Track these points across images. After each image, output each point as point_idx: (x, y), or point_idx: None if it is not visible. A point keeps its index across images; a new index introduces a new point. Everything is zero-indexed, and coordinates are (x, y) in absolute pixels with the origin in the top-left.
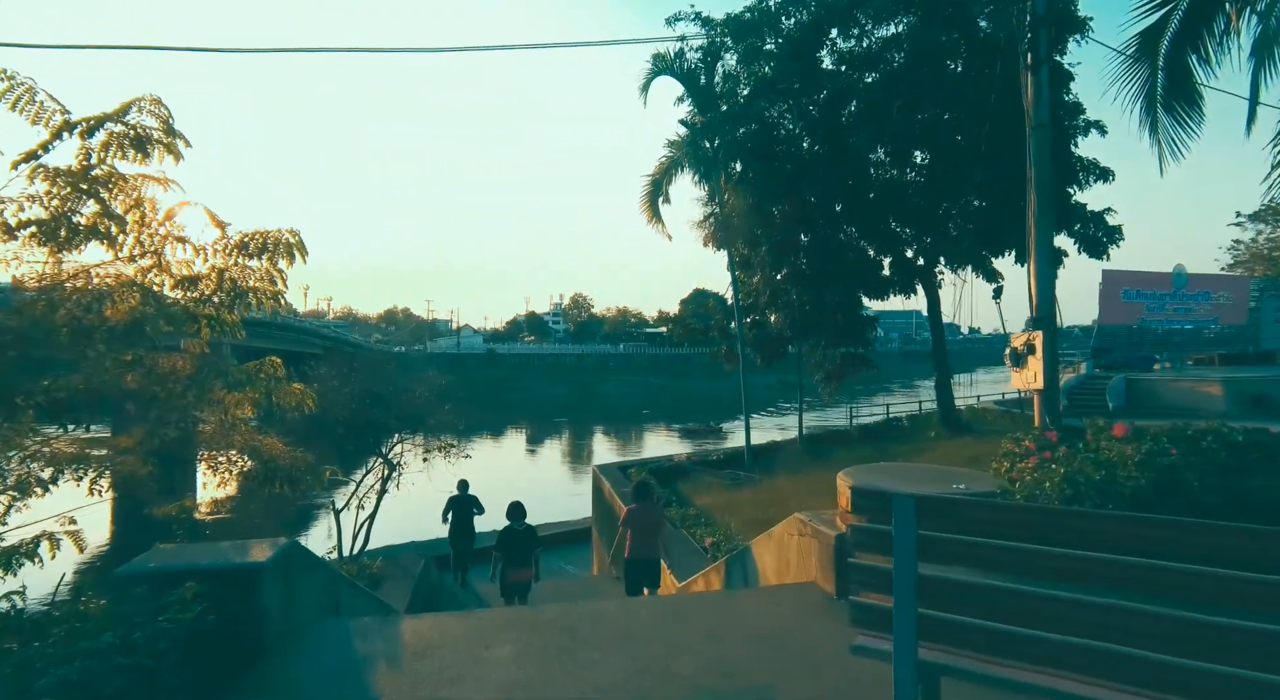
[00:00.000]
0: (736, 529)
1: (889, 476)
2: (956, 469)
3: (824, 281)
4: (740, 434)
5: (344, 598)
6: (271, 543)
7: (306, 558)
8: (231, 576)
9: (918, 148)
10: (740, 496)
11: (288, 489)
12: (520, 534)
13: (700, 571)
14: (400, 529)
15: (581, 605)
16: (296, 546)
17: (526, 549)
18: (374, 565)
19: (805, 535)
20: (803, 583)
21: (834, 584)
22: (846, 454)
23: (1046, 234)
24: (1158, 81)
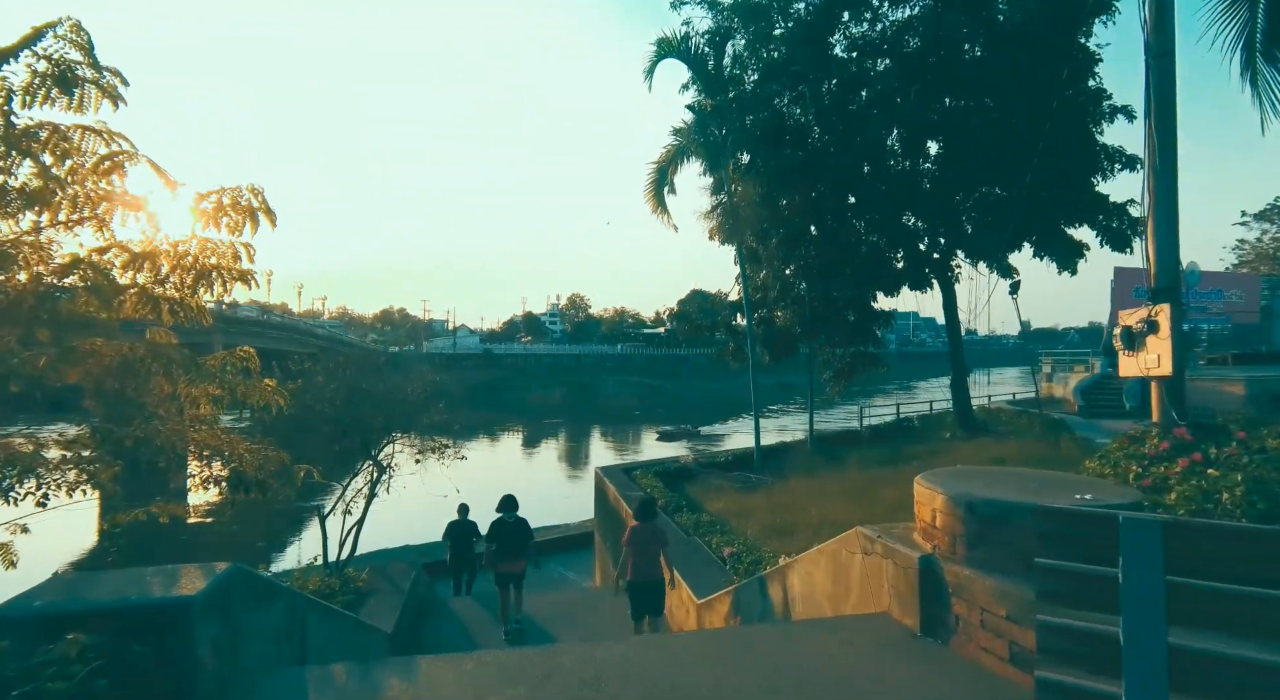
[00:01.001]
0: (754, 536)
1: (985, 482)
2: (1048, 472)
3: (835, 276)
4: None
5: (314, 627)
6: (207, 569)
7: (256, 586)
8: (142, 619)
9: (934, 136)
10: (754, 500)
11: (258, 495)
12: (511, 525)
13: (725, 588)
14: (394, 533)
15: (604, 647)
16: (241, 574)
17: (519, 540)
18: (360, 577)
19: (872, 555)
20: (871, 613)
21: (917, 617)
22: (860, 455)
23: (1169, 186)
24: (1258, 27)
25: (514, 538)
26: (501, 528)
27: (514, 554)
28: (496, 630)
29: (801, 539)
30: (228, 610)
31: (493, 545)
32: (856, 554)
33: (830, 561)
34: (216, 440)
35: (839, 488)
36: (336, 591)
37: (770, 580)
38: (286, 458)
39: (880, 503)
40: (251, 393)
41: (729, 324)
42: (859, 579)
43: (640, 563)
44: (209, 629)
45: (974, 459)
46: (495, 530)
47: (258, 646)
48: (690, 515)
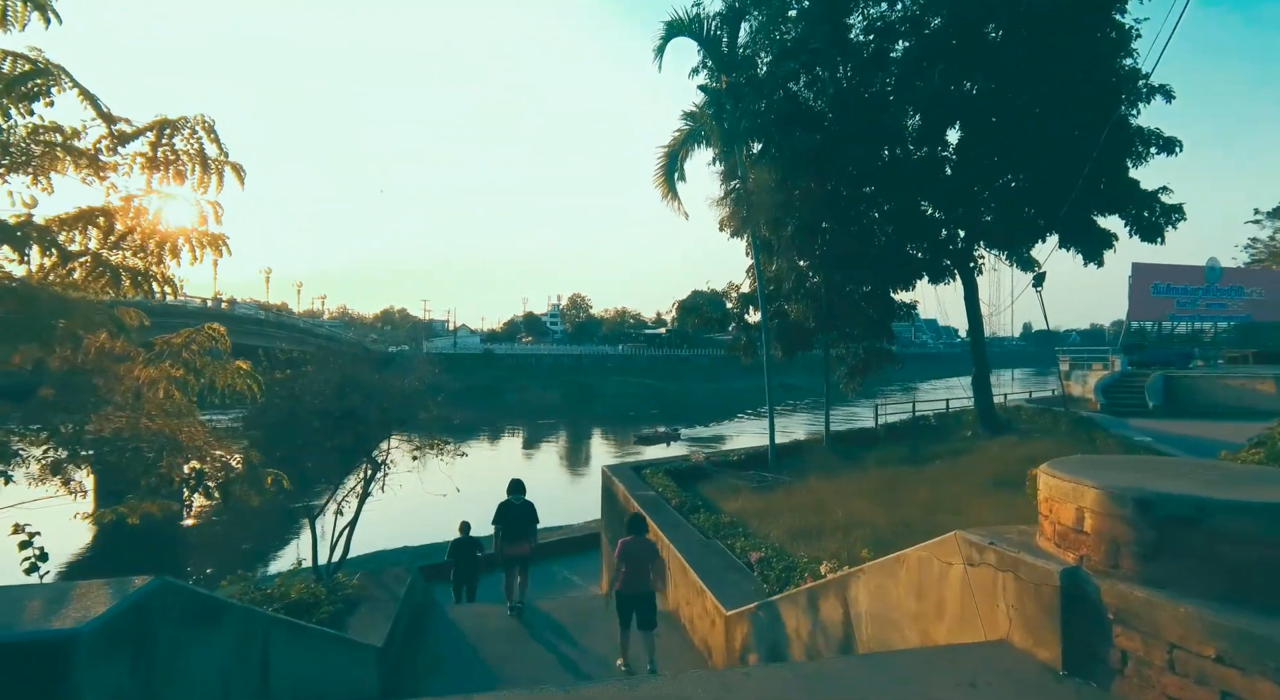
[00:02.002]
0: (779, 539)
1: (1149, 472)
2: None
3: (852, 267)
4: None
5: (280, 653)
6: (116, 587)
7: (192, 607)
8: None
9: (954, 122)
10: (773, 501)
11: (218, 498)
12: (518, 508)
13: (759, 598)
14: (391, 533)
15: (647, 688)
16: (167, 592)
17: (524, 523)
18: (351, 583)
19: (981, 566)
20: (982, 642)
21: (1056, 649)
22: (878, 454)
23: None
24: None
25: (519, 520)
26: (508, 510)
27: (519, 536)
28: (500, 643)
29: (832, 542)
30: (143, 644)
31: (499, 528)
32: (955, 564)
33: (914, 573)
34: (167, 429)
35: (861, 487)
36: (322, 600)
37: (824, 594)
38: (256, 458)
39: (910, 503)
40: (220, 375)
41: (740, 317)
42: (958, 596)
43: (631, 576)
44: (107, 675)
45: (1005, 458)
46: (501, 513)
47: (202, 680)
48: (708, 516)
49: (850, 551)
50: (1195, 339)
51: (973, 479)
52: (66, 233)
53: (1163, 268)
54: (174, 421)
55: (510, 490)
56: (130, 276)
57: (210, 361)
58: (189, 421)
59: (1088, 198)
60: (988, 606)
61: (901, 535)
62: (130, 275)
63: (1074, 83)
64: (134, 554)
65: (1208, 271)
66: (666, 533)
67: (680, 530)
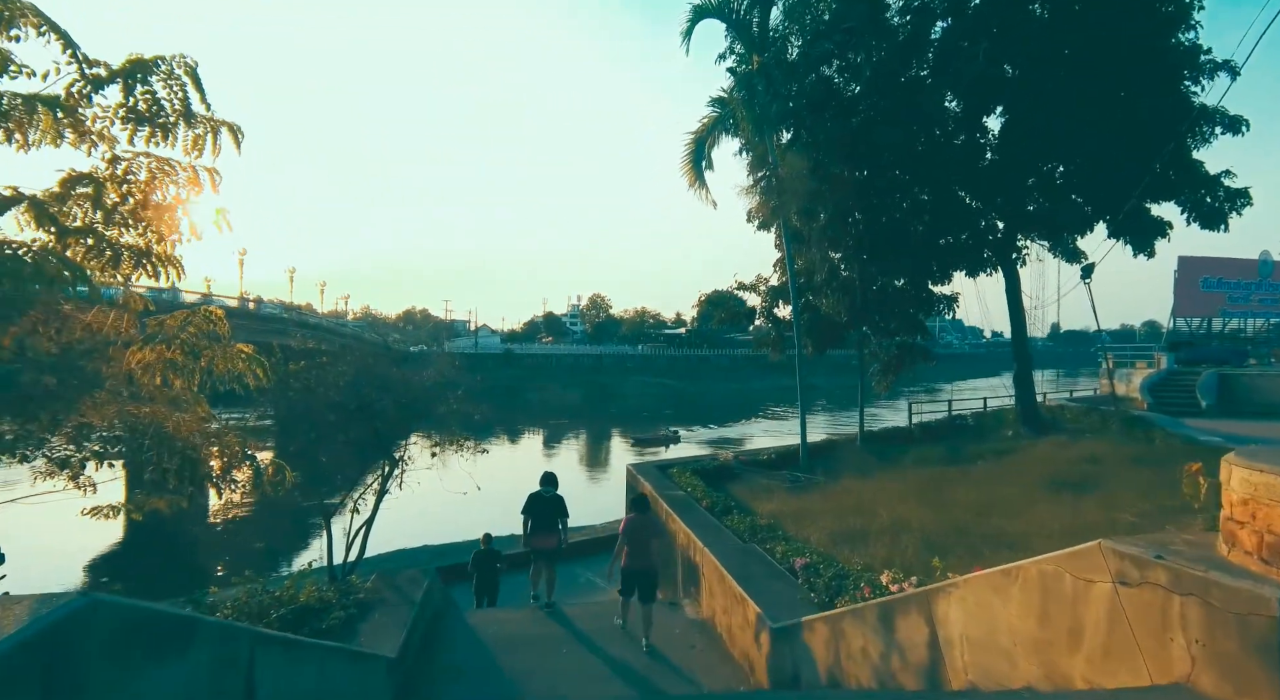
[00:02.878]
0: (821, 543)
1: None
2: None
3: (887, 258)
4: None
5: (272, 673)
6: (40, 603)
7: (143, 629)
8: None
9: (996, 105)
10: (809, 502)
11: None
12: (548, 500)
13: (811, 609)
14: (414, 531)
15: None
16: (101, 610)
17: (553, 516)
18: (364, 586)
19: (1141, 585)
20: (1154, 687)
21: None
22: (915, 454)
23: None
24: None
25: (548, 513)
26: (537, 502)
27: (547, 528)
28: (523, 653)
29: (880, 547)
30: (62, 674)
31: (528, 519)
32: (1100, 582)
33: (1033, 591)
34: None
35: (902, 488)
36: (332, 605)
37: (902, 610)
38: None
39: (959, 505)
40: (221, 359)
41: (769, 311)
42: (1103, 623)
43: (634, 551)
44: None
45: (1056, 459)
46: (531, 504)
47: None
48: (742, 517)
49: (904, 558)
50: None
51: (1024, 480)
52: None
53: (1211, 261)
54: (166, 409)
55: (542, 482)
56: (131, 256)
57: (210, 345)
58: (190, 410)
59: (1143, 183)
60: (1154, 638)
61: (956, 540)
62: (131, 255)
63: (1128, 60)
64: (157, 554)
65: (1261, 265)
66: (700, 535)
67: (714, 533)
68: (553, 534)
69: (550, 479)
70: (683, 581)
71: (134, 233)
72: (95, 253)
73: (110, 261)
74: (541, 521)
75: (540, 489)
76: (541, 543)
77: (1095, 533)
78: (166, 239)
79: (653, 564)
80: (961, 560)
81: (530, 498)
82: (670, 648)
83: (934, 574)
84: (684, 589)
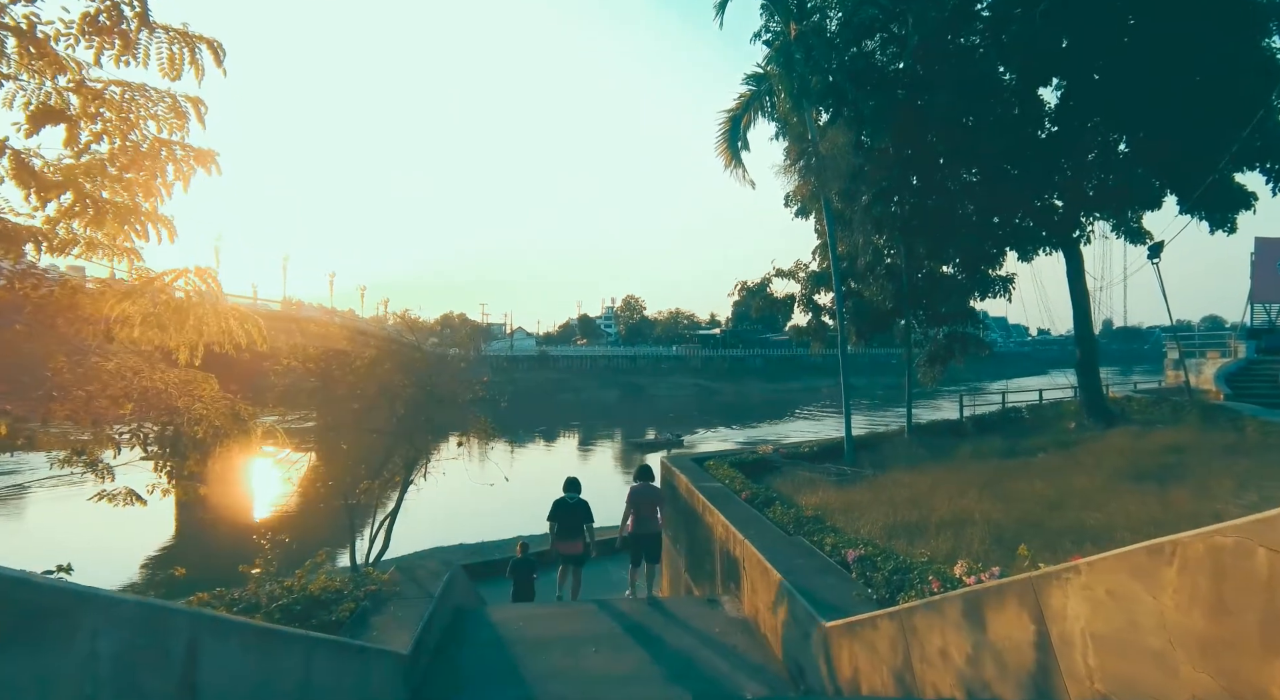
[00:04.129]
0: (874, 535)
1: None
2: None
3: (936, 240)
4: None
5: (223, 669)
6: None
7: None
8: None
9: (1056, 73)
10: (857, 495)
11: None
12: (572, 506)
13: (869, 605)
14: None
15: None
16: None
17: (577, 521)
18: (381, 579)
19: None
20: None
21: None
22: (970, 447)
23: None
24: None
25: (572, 518)
26: (561, 508)
27: (572, 533)
28: (547, 653)
29: (942, 540)
30: None
31: (554, 525)
32: None
33: (1202, 574)
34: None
35: (959, 481)
36: (345, 596)
37: (994, 602)
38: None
39: (1026, 498)
40: (212, 318)
41: (809, 299)
42: None
43: (640, 517)
44: None
45: (1133, 450)
46: (556, 510)
47: None
48: (785, 510)
49: (971, 551)
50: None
51: (1098, 472)
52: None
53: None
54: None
55: (566, 488)
56: (116, 214)
57: (200, 301)
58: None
59: (1229, 150)
60: None
61: (1029, 534)
62: (116, 213)
63: (1204, 14)
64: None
65: None
66: (740, 527)
67: (755, 525)
68: (577, 539)
69: (573, 484)
70: (722, 576)
71: (117, 186)
72: (78, 211)
73: (94, 220)
74: (566, 527)
75: (565, 495)
76: (567, 548)
77: (1195, 524)
78: (152, 188)
79: (657, 529)
80: (1038, 554)
81: (555, 504)
82: (708, 648)
83: (1020, 564)
84: (723, 584)
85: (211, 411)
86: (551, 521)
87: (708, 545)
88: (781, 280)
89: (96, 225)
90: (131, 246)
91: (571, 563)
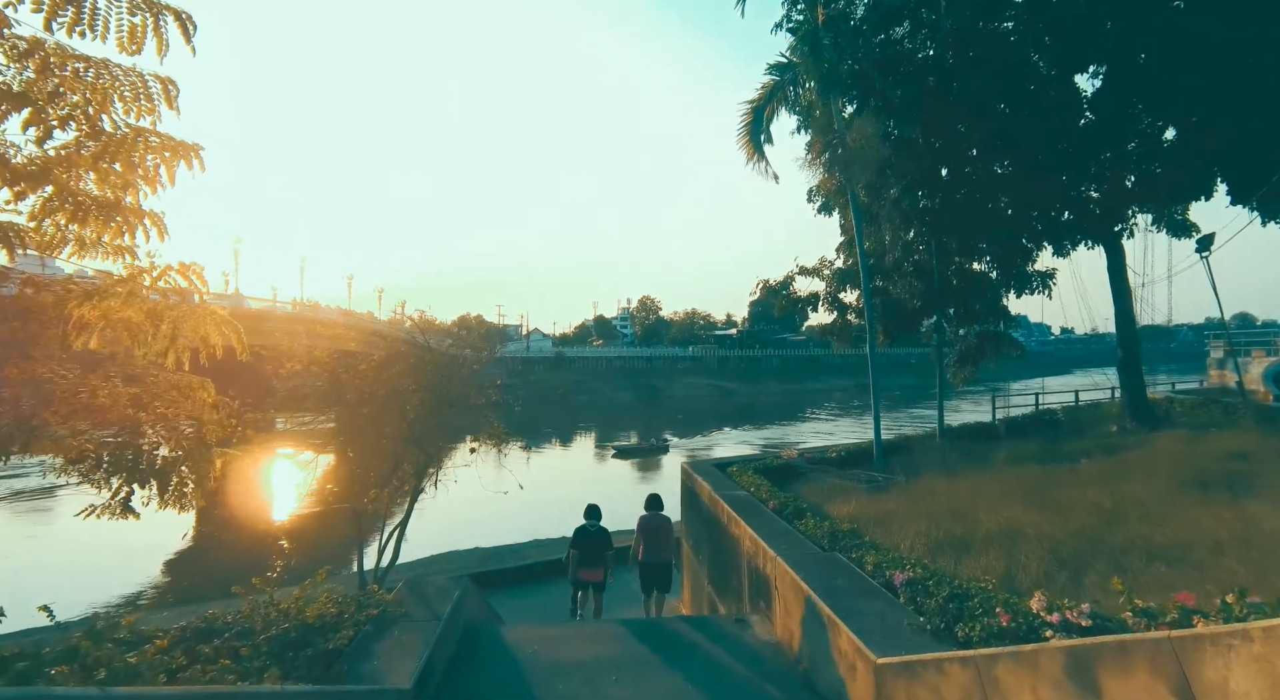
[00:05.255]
0: (917, 552)
1: None
2: None
3: (968, 234)
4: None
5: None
6: None
7: None
8: None
9: (1098, 56)
10: (892, 504)
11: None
12: (593, 534)
13: (920, 634)
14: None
15: None
16: None
17: (598, 549)
18: (385, 598)
19: None
20: None
21: None
22: (1006, 451)
23: None
24: None
25: (594, 546)
26: (583, 535)
27: (593, 561)
28: (567, 683)
29: (992, 558)
30: None
31: (575, 552)
32: None
33: None
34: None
35: (1001, 489)
36: (344, 621)
37: (1119, 662)
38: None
39: (1078, 508)
40: (189, 321)
41: (834, 297)
42: None
43: (650, 546)
44: None
45: (1189, 456)
46: (577, 538)
47: None
48: (817, 522)
49: (1028, 573)
50: None
51: (1155, 480)
52: None
53: None
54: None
55: (586, 515)
56: (98, 210)
57: (176, 303)
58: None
59: None
60: None
61: (1091, 552)
62: (99, 208)
63: None
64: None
65: None
66: (770, 542)
67: (787, 539)
68: (599, 567)
69: (594, 512)
70: (749, 594)
71: (97, 179)
72: (57, 205)
73: (75, 215)
74: (588, 555)
75: (586, 523)
76: (589, 576)
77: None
78: (132, 181)
79: (667, 558)
80: (1103, 578)
81: (577, 531)
82: (739, 678)
83: (1114, 599)
84: (751, 602)
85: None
86: (573, 550)
87: (734, 559)
88: (805, 278)
89: (79, 221)
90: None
91: (594, 588)
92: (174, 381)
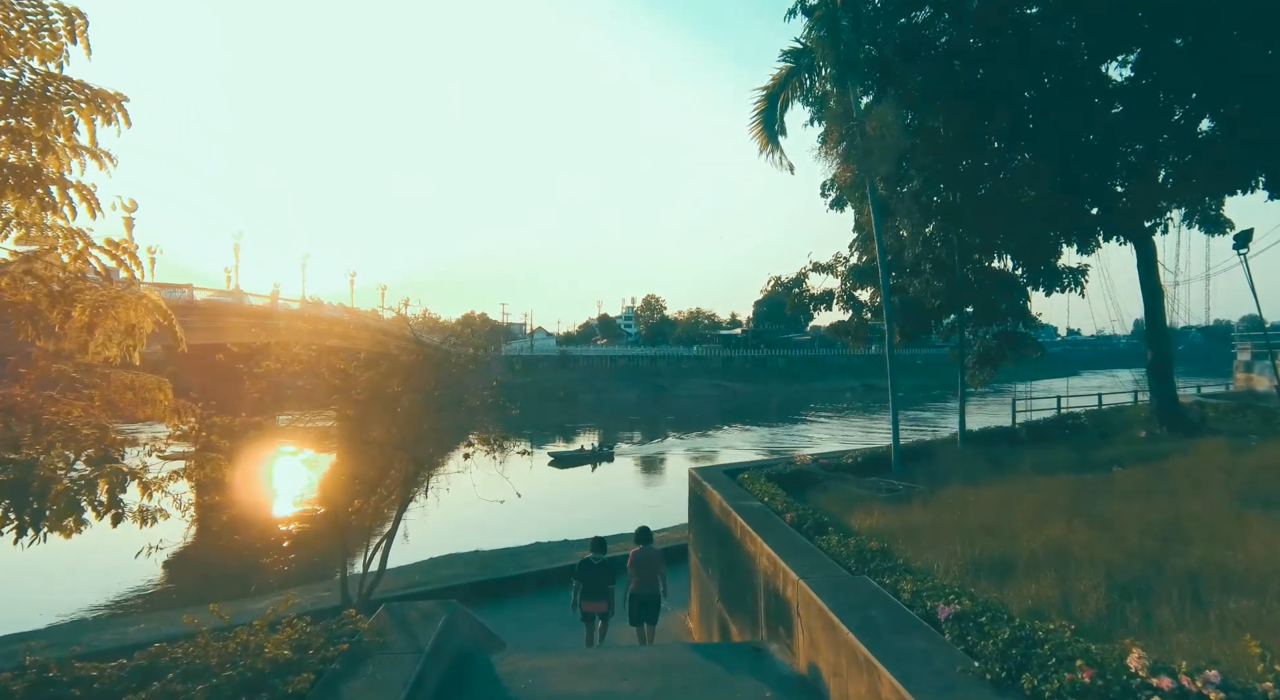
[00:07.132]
0: (955, 575)
1: None
2: None
3: (992, 229)
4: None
5: None
6: None
7: None
8: None
9: (1130, 41)
10: (918, 516)
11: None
12: (597, 568)
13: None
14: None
15: None
16: None
17: (603, 582)
18: (361, 627)
19: None
20: None
21: None
22: (1031, 458)
23: None
24: None
25: (598, 579)
26: (588, 568)
27: (598, 594)
28: None
29: (1041, 584)
30: None
31: (580, 584)
32: None
33: None
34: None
35: (1033, 500)
36: (307, 660)
37: None
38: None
39: (1126, 524)
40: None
41: (849, 295)
42: None
43: (642, 580)
44: None
45: (1237, 467)
46: (582, 569)
47: None
48: (841, 538)
49: (1086, 605)
50: None
51: (1206, 493)
52: None
53: None
54: None
55: (592, 548)
56: (15, 178)
57: (93, 285)
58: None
59: None
60: None
61: (1153, 579)
62: (15, 176)
63: None
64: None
65: None
66: (789, 562)
67: (808, 558)
68: (603, 599)
69: (600, 544)
70: (766, 617)
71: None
72: None
73: None
74: (593, 588)
75: (590, 555)
76: (593, 607)
77: None
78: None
79: (658, 592)
80: (1179, 613)
81: (582, 563)
82: None
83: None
84: (768, 627)
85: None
86: (577, 582)
87: (749, 577)
88: (818, 275)
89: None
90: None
91: (598, 618)
92: (127, 382)
